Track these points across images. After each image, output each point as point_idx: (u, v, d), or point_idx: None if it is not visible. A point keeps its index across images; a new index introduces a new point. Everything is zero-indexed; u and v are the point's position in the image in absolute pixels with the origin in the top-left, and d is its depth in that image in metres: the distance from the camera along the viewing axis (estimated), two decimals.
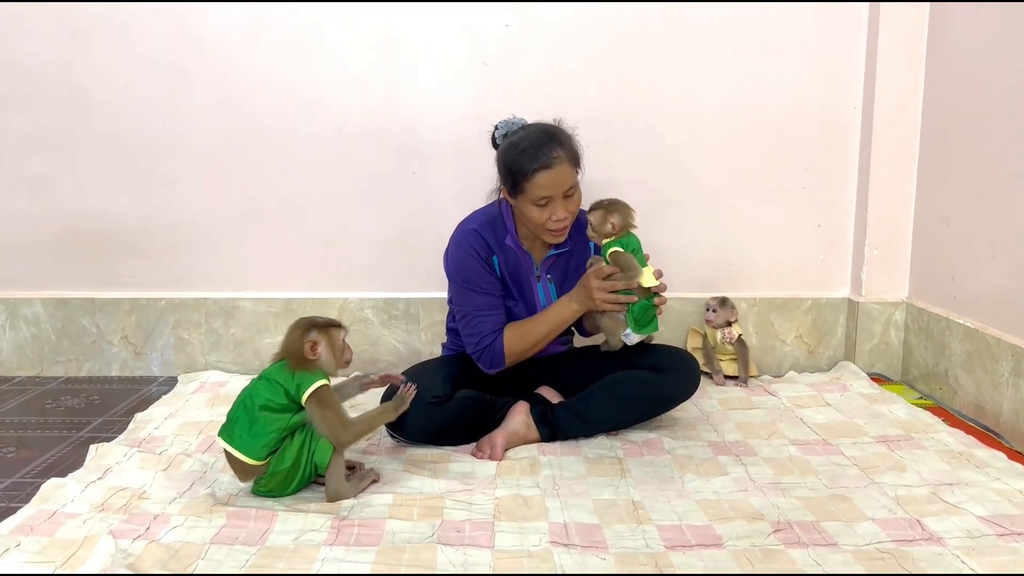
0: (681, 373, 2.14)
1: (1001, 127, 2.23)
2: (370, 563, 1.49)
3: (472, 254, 2.07)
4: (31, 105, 2.68)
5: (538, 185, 1.95)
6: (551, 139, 1.97)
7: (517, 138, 2.00)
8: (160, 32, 2.63)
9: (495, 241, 2.10)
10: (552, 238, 2.06)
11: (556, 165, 1.94)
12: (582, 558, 1.51)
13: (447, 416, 2.04)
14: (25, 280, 2.80)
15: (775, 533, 1.60)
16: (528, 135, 1.99)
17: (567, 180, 1.97)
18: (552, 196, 1.96)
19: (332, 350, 1.78)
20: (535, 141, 1.96)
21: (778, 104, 2.70)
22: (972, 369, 2.34)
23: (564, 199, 1.98)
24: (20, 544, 1.53)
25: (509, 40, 2.64)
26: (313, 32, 2.64)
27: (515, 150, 1.98)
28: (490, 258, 2.09)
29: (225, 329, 2.79)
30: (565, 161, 1.96)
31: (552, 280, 2.17)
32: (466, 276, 2.08)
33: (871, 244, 2.71)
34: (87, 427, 2.29)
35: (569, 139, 2.02)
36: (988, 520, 1.64)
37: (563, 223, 2.00)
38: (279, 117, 2.68)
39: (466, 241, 2.08)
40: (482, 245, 2.08)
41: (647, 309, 2.00)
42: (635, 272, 1.96)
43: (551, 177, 1.94)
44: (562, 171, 1.95)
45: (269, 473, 1.73)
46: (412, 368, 2.20)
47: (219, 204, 2.74)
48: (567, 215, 2.00)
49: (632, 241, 2.01)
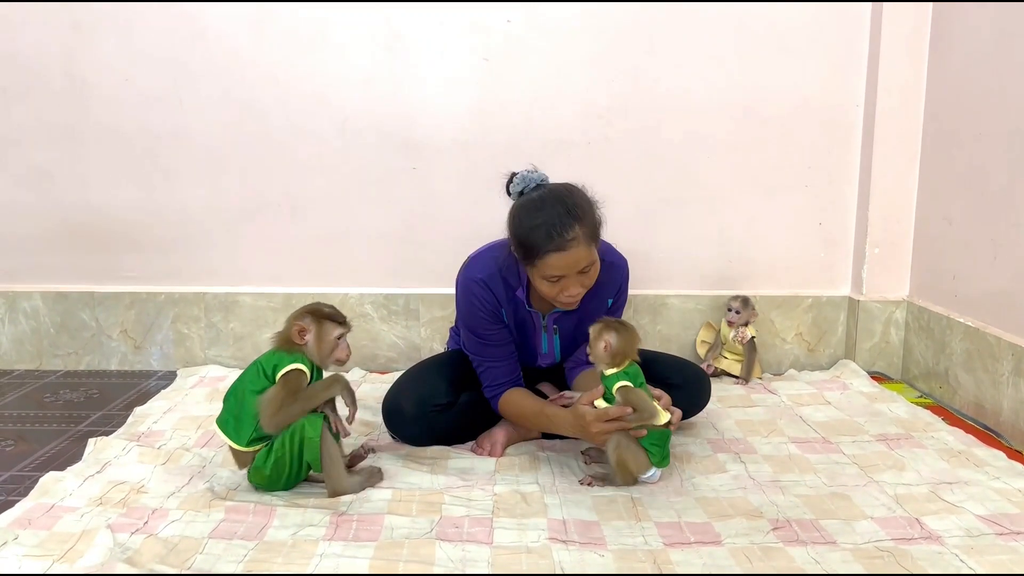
0: (691, 390, 2.09)
1: (1003, 126, 2.23)
2: (368, 558, 1.48)
3: (479, 307, 1.95)
4: (32, 98, 2.68)
5: (550, 266, 1.78)
6: (569, 215, 1.76)
7: (533, 208, 1.80)
8: (162, 26, 2.63)
9: (504, 293, 1.96)
10: (564, 307, 1.92)
11: (571, 248, 1.75)
12: (580, 555, 1.51)
13: (450, 422, 2.04)
14: (24, 273, 2.79)
15: (774, 531, 1.60)
16: (545, 208, 1.78)
17: (582, 261, 1.78)
18: (563, 275, 1.80)
19: (319, 342, 1.75)
20: (551, 219, 1.75)
21: (780, 102, 2.69)
22: (972, 368, 2.33)
23: (579, 275, 1.81)
24: (18, 537, 1.53)
25: (511, 36, 2.64)
26: (316, 27, 2.63)
27: (529, 224, 1.79)
28: (498, 311, 1.97)
29: (225, 324, 2.79)
30: (581, 242, 1.76)
31: (558, 331, 2.06)
32: (474, 328, 1.99)
33: (872, 242, 2.71)
34: (86, 421, 2.28)
35: (590, 213, 1.81)
36: (987, 519, 1.64)
37: (575, 298, 1.85)
38: (281, 112, 2.68)
39: (474, 293, 1.95)
40: (489, 299, 1.95)
41: (667, 441, 1.82)
42: (651, 414, 1.75)
43: (565, 259, 1.76)
44: (577, 252, 1.76)
45: (254, 467, 1.73)
46: (412, 370, 2.18)
47: (220, 198, 2.74)
48: (580, 290, 1.84)
49: (639, 372, 1.80)
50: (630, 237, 2.26)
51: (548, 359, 2.12)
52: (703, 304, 2.78)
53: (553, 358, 2.12)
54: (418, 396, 2.03)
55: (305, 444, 1.70)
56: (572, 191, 1.83)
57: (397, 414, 2.03)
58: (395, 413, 2.04)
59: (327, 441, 1.71)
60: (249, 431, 1.70)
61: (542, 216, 1.77)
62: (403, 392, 2.05)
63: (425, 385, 2.06)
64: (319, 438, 1.70)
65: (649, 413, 1.74)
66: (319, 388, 1.74)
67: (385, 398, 2.07)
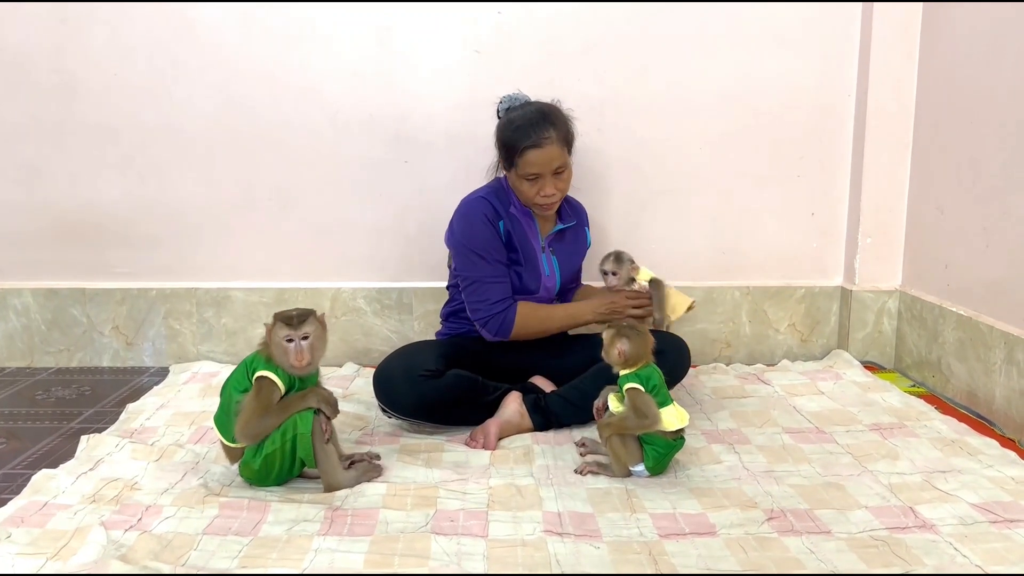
0: (671, 355, 2.10)
1: (994, 116, 2.23)
2: (363, 553, 1.48)
3: (481, 219, 2.12)
4: (20, 93, 2.65)
5: (528, 162, 2.06)
6: (544, 119, 2.07)
7: (515, 115, 2.11)
8: (151, 20, 2.60)
9: (502, 208, 2.16)
10: (541, 211, 2.17)
11: (546, 145, 2.05)
12: (576, 547, 1.51)
13: (439, 390, 2.03)
14: (14, 270, 2.77)
15: (769, 521, 1.60)
16: (524, 113, 2.10)
17: (556, 159, 2.07)
18: (541, 173, 2.07)
19: (271, 345, 1.69)
20: (529, 120, 2.07)
21: (772, 92, 2.69)
22: (965, 357, 2.34)
23: (553, 176, 2.09)
24: (11, 535, 1.52)
25: (503, 27, 2.63)
26: (306, 20, 2.61)
27: (510, 127, 2.09)
28: (497, 222, 2.14)
29: (217, 319, 2.78)
30: (555, 142, 2.06)
31: (555, 253, 2.24)
32: (473, 244, 2.12)
33: (864, 232, 2.71)
34: (78, 418, 2.27)
35: (563, 120, 2.12)
36: (981, 507, 1.64)
37: (551, 199, 2.11)
38: (271, 105, 2.66)
39: (474, 207, 2.15)
40: (490, 209, 2.14)
41: (670, 453, 1.81)
42: (653, 421, 1.75)
43: (540, 155, 2.05)
44: (551, 151, 2.05)
45: (243, 461, 1.73)
46: (405, 346, 2.23)
47: (211, 193, 2.72)
48: (555, 192, 2.10)
49: (653, 375, 1.79)
50: (622, 228, 2.27)
51: (551, 282, 2.22)
52: (696, 295, 2.77)
53: (554, 282, 2.24)
54: (407, 364, 2.07)
55: (297, 440, 1.69)
56: (550, 105, 2.15)
57: (386, 381, 2.06)
58: (384, 380, 2.06)
59: (319, 436, 1.71)
60: None
61: (522, 119, 2.08)
62: (392, 361, 2.11)
63: (414, 356, 2.11)
64: (311, 433, 1.69)
65: (652, 420, 1.75)
66: (292, 401, 1.70)
67: (375, 371, 2.11)
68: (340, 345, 2.77)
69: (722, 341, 2.82)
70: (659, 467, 1.81)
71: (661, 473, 1.82)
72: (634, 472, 1.81)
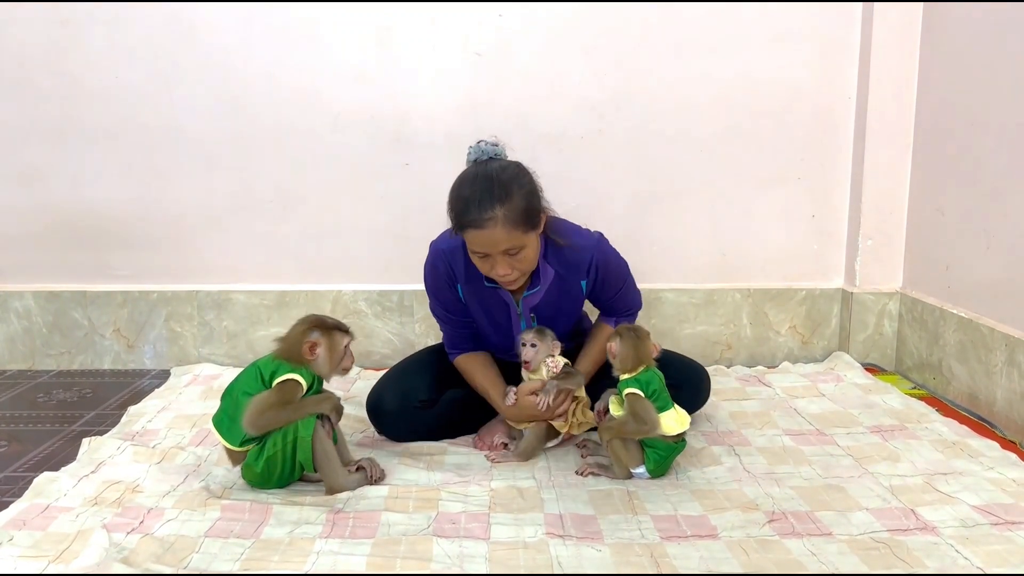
0: (691, 390, 2.08)
1: (995, 118, 2.23)
2: (366, 555, 1.48)
3: (434, 274, 1.98)
4: (21, 95, 2.66)
5: (471, 241, 1.78)
6: (489, 195, 1.72)
7: (463, 181, 1.80)
8: (152, 22, 2.61)
9: (462, 269, 1.93)
10: (504, 286, 1.89)
11: (488, 227, 1.72)
12: (578, 549, 1.51)
13: (433, 419, 2.05)
14: (15, 273, 2.78)
15: (770, 523, 1.60)
16: (476, 183, 1.77)
17: (500, 243, 1.74)
18: (488, 253, 1.77)
19: (331, 354, 1.75)
20: (473, 194, 1.74)
21: (773, 94, 2.69)
22: (966, 359, 2.34)
23: (507, 256, 1.77)
24: (13, 538, 1.52)
25: (503, 30, 2.63)
26: (307, 22, 2.61)
27: (454, 197, 1.79)
28: (452, 284, 1.96)
29: (218, 322, 2.78)
30: (499, 223, 1.71)
31: (536, 319, 1.99)
32: (431, 288, 2.02)
33: (865, 234, 2.71)
34: (80, 421, 2.27)
35: (517, 196, 1.75)
36: (982, 509, 1.64)
37: (506, 278, 1.82)
38: (272, 107, 2.66)
39: (434, 259, 1.97)
40: (445, 267, 1.94)
41: (671, 456, 1.80)
42: (652, 427, 1.74)
43: (481, 237, 1.74)
44: (494, 233, 1.72)
45: (246, 464, 1.73)
46: (399, 365, 2.20)
47: (212, 195, 2.72)
48: (510, 272, 1.80)
49: (653, 379, 1.78)
50: (623, 231, 2.26)
51: None
52: (697, 298, 2.78)
53: None
54: (400, 392, 2.04)
55: (298, 443, 1.70)
56: (508, 171, 1.79)
57: (379, 412, 2.05)
58: (377, 411, 2.05)
59: (320, 440, 1.71)
60: (242, 432, 1.69)
61: (466, 190, 1.76)
62: (385, 389, 2.07)
63: (407, 382, 2.07)
64: (311, 437, 1.69)
65: (651, 426, 1.74)
66: (309, 403, 1.72)
67: (368, 396, 2.08)
68: None
69: (723, 343, 2.82)
70: (660, 469, 1.81)
71: (663, 475, 1.82)
72: (635, 474, 1.81)
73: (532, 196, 1.79)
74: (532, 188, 1.80)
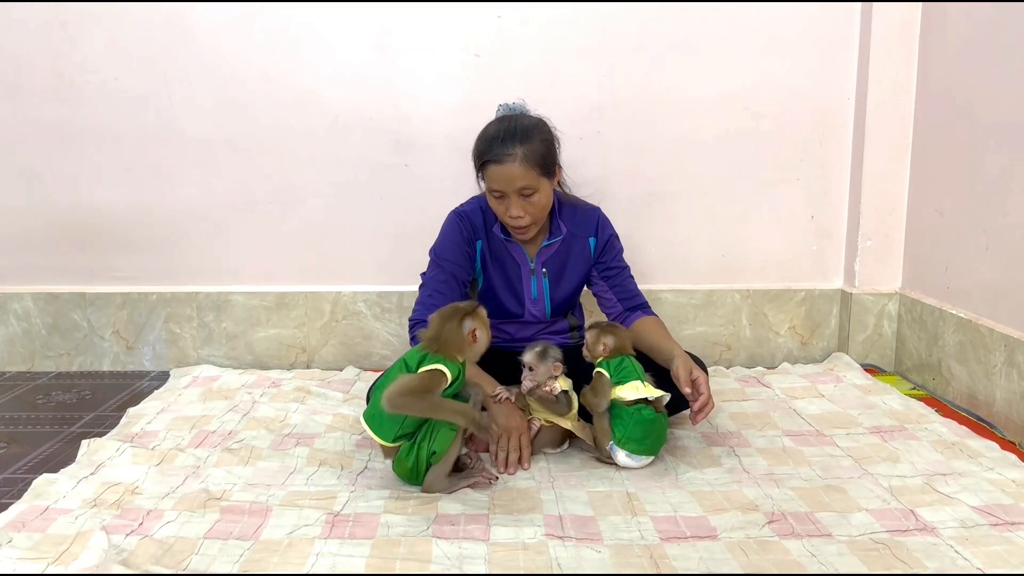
0: None
1: (994, 118, 2.23)
2: (365, 557, 1.48)
3: (455, 234, 2.08)
4: (19, 96, 2.65)
5: (489, 177, 1.96)
6: (514, 135, 1.92)
7: (491, 126, 1.99)
8: (150, 23, 2.61)
9: (482, 225, 2.10)
10: (515, 234, 2.06)
11: (507, 162, 1.91)
12: (577, 551, 1.51)
13: None
14: (14, 274, 2.78)
15: (769, 524, 1.60)
16: (500, 127, 1.96)
17: (517, 179, 1.91)
18: (504, 192, 1.95)
19: (487, 330, 1.77)
20: (496, 134, 1.94)
21: (772, 95, 2.69)
22: (965, 359, 2.34)
23: (521, 197, 1.95)
24: (12, 540, 1.52)
25: (502, 31, 2.63)
26: (306, 23, 2.62)
27: (482, 137, 1.98)
28: (473, 241, 2.09)
29: (217, 323, 2.78)
30: (519, 160, 1.90)
31: (547, 274, 2.13)
32: (440, 250, 2.10)
33: (864, 235, 2.71)
34: (79, 422, 2.27)
35: (540, 140, 1.95)
36: (982, 510, 1.64)
37: (518, 221, 1.98)
38: (271, 108, 2.66)
39: (453, 220, 2.11)
40: (467, 226, 2.09)
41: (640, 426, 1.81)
42: (602, 400, 1.82)
43: (500, 172, 1.92)
44: (511, 169, 1.90)
45: (397, 458, 1.74)
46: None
47: (211, 197, 2.72)
48: (522, 214, 1.96)
49: (627, 364, 1.86)
50: (623, 231, 2.26)
51: (538, 307, 2.13)
52: (696, 298, 2.78)
53: (543, 307, 2.13)
54: None
55: (439, 433, 1.70)
56: (529, 120, 1.99)
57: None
58: None
59: (455, 443, 1.72)
60: (394, 428, 1.70)
61: (491, 131, 1.96)
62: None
63: None
64: (455, 433, 1.71)
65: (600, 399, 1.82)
66: (447, 408, 1.69)
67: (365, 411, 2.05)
68: (340, 349, 2.77)
69: (722, 344, 2.82)
70: (631, 443, 1.82)
71: (643, 453, 1.83)
72: (612, 454, 1.84)
73: (550, 145, 1.99)
74: (551, 140, 2.00)
